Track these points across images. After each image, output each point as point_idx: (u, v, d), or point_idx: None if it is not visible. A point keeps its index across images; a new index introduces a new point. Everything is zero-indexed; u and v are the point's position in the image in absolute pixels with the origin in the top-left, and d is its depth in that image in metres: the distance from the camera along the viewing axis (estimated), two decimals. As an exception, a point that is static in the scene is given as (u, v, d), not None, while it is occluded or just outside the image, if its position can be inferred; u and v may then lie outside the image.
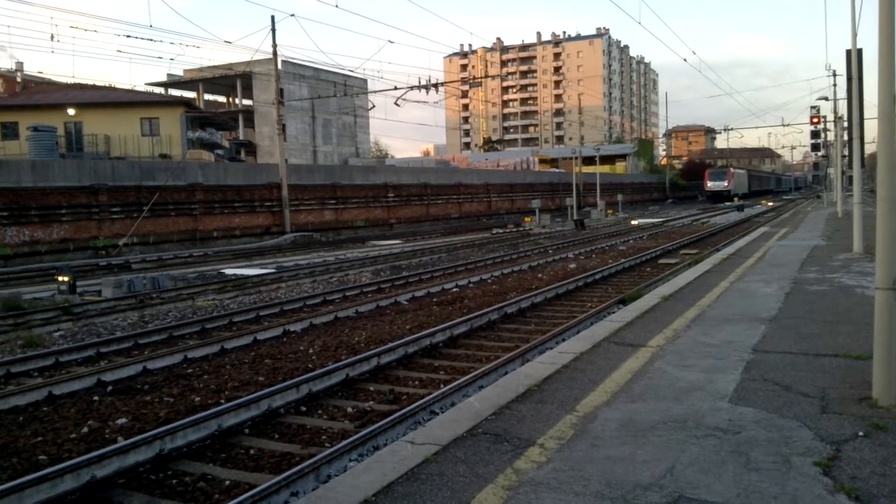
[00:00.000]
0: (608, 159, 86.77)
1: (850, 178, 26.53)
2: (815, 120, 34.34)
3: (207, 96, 63.15)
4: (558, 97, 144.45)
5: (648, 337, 7.49)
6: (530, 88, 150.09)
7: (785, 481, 3.75)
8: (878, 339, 5.00)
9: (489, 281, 15.86)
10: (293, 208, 34.28)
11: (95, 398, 7.41)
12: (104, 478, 5.13)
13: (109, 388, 7.79)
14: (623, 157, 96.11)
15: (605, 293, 13.71)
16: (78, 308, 12.83)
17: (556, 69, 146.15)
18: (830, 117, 38.74)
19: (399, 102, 34.45)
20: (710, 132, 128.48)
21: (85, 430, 6.35)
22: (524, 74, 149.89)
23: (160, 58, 73.62)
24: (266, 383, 7.66)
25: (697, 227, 33.90)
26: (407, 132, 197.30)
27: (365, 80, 58.96)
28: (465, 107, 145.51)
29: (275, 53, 33.94)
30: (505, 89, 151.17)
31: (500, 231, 37.01)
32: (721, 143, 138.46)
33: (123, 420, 6.58)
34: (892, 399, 4.90)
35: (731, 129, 69.39)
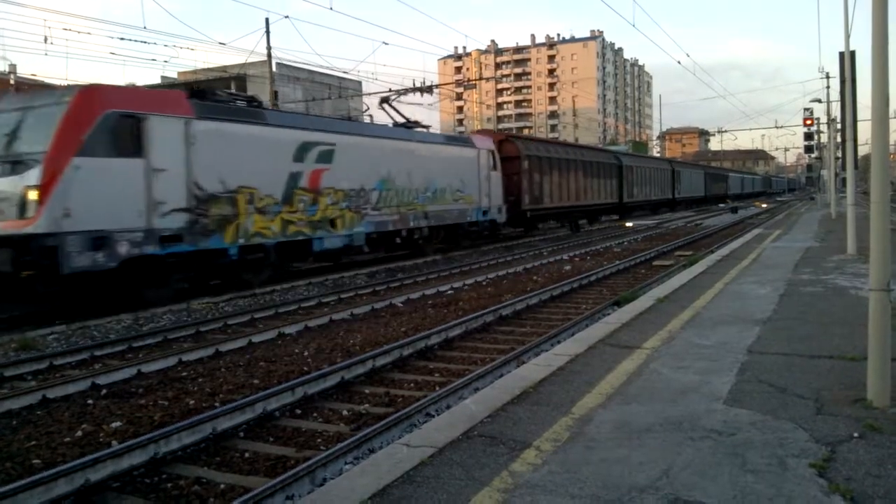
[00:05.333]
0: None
1: (844, 180, 26.69)
2: (809, 122, 34.45)
3: (201, 98, 62.92)
4: (553, 99, 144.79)
5: (643, 339, 7.50)
6: (525, 91, 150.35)
7: (780, 483, 3.76)
8: (873, 341, 5.01)
9: (484, 283, 15.86)
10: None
11: (90, 402, 7.38)
12: (98, 482, 5.11)
13: (104, 391, 7.76)
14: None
15: (601, 295, 13.72)
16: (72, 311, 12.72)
17: (551, 71, 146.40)
18: (824, 119, 38.89)
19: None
20: (703, 134, 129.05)
21: (79, 433, 6.32)
22: (518, 77, 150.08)
23: (154, 60, 73.61)
24: (261, 386, 7.64)
25: (691, 229, 33.98)
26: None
27: (359, 82, 58.84)
28: (460, 109, 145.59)
29: (269, 55, 33.91)
30: (499, 91, 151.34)
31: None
32: (715, 144, 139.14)
33: (118, 423, 6.55)
34: (887, 400, 4.92)
35: (725, 131, 69.09)
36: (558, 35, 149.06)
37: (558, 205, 32.18)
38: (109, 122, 11.98)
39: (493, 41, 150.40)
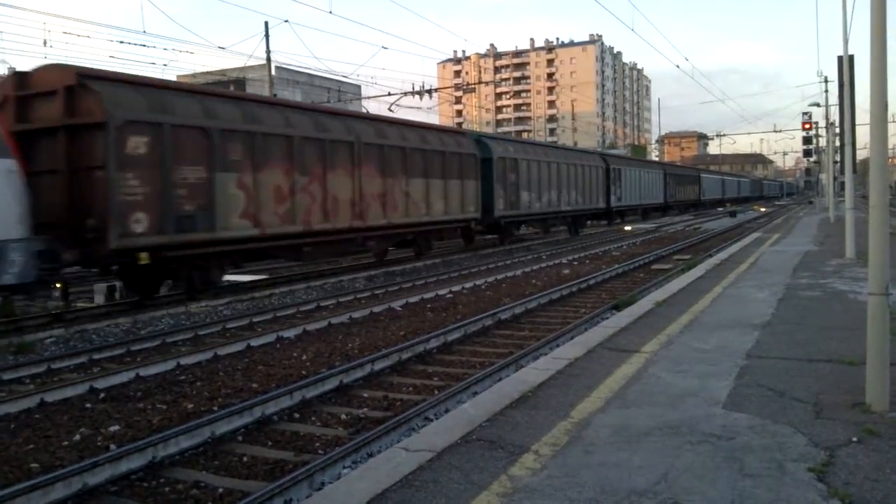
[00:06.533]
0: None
1: (842, 184, 26.71)
2: (807, 126, 34.53)
3: (201, 102, 62.89)
4: (552, 103, 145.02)
5: (642, 342, 7.49)
6: (524, 94, 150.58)
7: (779, 487, 3.76)
8: (871, 345, 5.01)
9: (483, 287, 15.85)
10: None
11: (88, 405, 7.36)
12: (96, 486, 5.10)
13: (102, 395, 7.74)
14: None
15: (599, 299, 13.72)
16: (70, 314, 12.75)
17: (550, 75, 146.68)
18: (822, 123, 38.97)
19: (393, 108, 34.53)
20: (702, 138, 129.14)
21: (77, 437, 6.31)
22: (518, 80, 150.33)
23: (153, 63, 73.61)
24: (259, 390, 7.63)
25: (690, 233, 34.02)
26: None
27: (359, 86, 58.93)
28: (459, 113, 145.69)
29: (268, 59, 33.95)
30: (498, 95, 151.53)
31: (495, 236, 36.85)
32: (714, 149, 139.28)
33: (116, 427, 6.54)
34: (886, 404, 4.91)
35: (724, 135, 69.40)
36: (557, 39, 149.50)
37: (283, 230, 15.24)
38: None
39: (492, 45, 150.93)
